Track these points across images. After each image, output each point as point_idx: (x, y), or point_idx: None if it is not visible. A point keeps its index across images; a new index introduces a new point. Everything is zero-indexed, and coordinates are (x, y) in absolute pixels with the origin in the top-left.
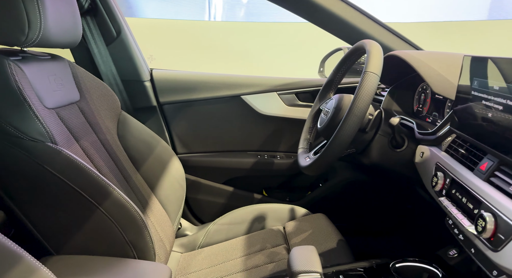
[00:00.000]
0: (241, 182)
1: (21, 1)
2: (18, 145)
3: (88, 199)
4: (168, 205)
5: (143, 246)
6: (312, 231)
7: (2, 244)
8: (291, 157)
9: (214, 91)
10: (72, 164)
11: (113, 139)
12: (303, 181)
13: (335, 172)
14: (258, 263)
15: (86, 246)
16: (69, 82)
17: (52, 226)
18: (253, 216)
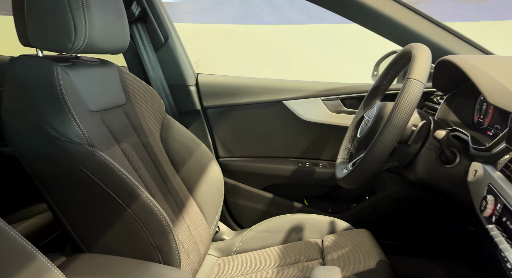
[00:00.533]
0: (281, 189)
1: (69, 11)
2: (58, 145)
3: (117, 201)
4: (205, 208)
5: (168, 251)
6: (352, 248)
7: (16, 243)
8: (335, 166)
9: (256, 96)
10: (104, 165)
11: (155, 141)
12: (347, 193)
13: (384, 184)
14: (289, 276)
15: (114, 246)
16: (116, 87)
17: (85, 225)
18: (291, 226)
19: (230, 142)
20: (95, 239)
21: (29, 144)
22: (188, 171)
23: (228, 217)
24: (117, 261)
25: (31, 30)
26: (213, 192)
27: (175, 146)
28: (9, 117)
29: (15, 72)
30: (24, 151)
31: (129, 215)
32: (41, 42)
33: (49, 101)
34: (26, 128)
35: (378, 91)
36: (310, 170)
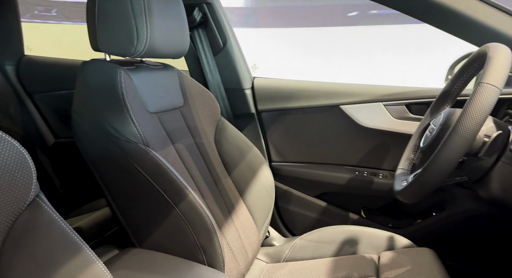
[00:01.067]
0: (335, 198)
1: (133, 18)
2: (116, 144)
3: (167, 199)
4: (255, 212)
5: (212, 252)
6: (412, 267)
7: (65, 234)
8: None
9: (311, 100)
10: (156, 164)
11: (209, 143)
12: (411, 207)
13: (454, 200)
14: None
15: (162, 243)
16: (175, 90)
17: (137, 220)
18: (344, 238)
19: (284, 146)
20: (145, 235)
21: (92, 142)
22: (239, 174)
23: (279, 223)
24: (162, 258)
25: (100, 36)
26: (263, 196)
27: (228, 148)
28: (77, 116)
29: (84, 75)
30: (88, 148)
31: (176, 213)
32: (108, 47)
33: (110, 102)
34: (90, 127)
35: (448, 96)
36: (368, 180)
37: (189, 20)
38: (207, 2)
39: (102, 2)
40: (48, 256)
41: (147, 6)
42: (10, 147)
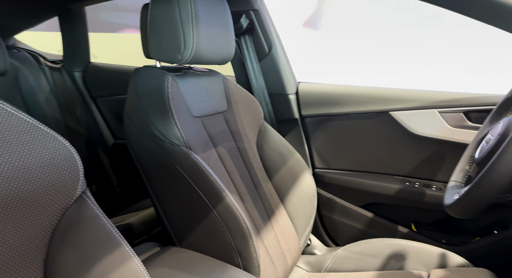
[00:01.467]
0: (383, 209)
1: (180, 26)
2: (161, 145)
3: (205, 201)
4: (295, 219)
5: (247, 256)
6: None
7: (106, 230)
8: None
9: (358, 105)
10: (196, 166)
11: (250, 148)
12: (469, 223)
13: None
14: None
15: (200, 244)
16: (220, 95)
17: (177, 220)
18: (391, 252)
19: (328, 153)
20: (185, 235)
21: (140, 143)
22: (280, 179)
23: (322, 231)
24: (199, 258)
25: (151, 44)
26: (304, 203)
27: (270, 153)
28: (128, 119)
29: (136, 80)
30: (136, 149)
31: (214, 215)
32: (157, 55)
33: (157, 106)
34: (138, 129)
35: (510, 104)
36: (420, 191)
37: (236, 27)
38: (254, 9)
39: (154, 12)
40: (90, 250)
41: (194, 16)
42: (60, 146)
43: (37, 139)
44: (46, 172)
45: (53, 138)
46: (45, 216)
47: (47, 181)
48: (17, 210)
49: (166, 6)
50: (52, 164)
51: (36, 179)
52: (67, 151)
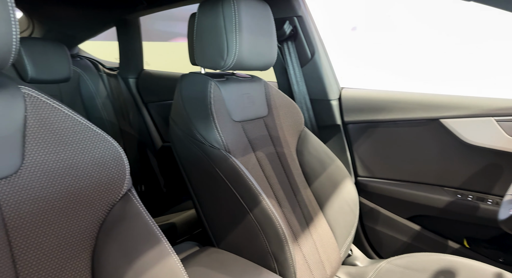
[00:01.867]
0: (432, 222)
1: (224, 34)
2: (202, 148)
3: (242, 204)
4: (336, 228)
5: (283, 261)
6: None
7: (148, 227)
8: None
9: (405, 112)
10: (234, 169)
11: (290, 153)
12: None
13: None
14: None
15: (238, 246)
16: (261, 100)
17: (216, 221)
18: (439, 268)
19: (371, 161)
20: (223, 236)
21: (183, 146)
22: (320, 186)
23: (364, 242)
24: (235, 260)
25: (197, 51)
26: (345, 212)
27: (309, 159)
28: (173, 123)
29: (181, 86)
30: (179, 152)
31: (251, 219)
32: (202, 61)
33: (199, 110)
34: (182, 133)
35: None
36: (473, 205)
37: (279, 33)
38: (298, 15)
39: (199, 21)
40: (132, 245)
41: (238, 24)
42: (110, 146)
43: (89, 139)
44: (96, 170)
45: (104, 139)
46: (94, 212)
47: (97, 179)
48: (70, 205)
49: (211, 15)
50: (101, 162)
51: (87, 176)
52: (115, 151)
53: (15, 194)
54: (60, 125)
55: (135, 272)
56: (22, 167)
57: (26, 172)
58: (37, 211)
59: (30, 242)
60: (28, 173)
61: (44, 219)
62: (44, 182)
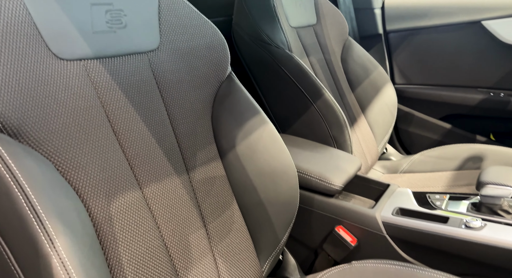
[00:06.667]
0: (462, 120)
1: None
2: (267, 49)
3: (306, 97)
4: (375, 127)
5: (343, 142)
6: None
7: (250, 101)
8: None
9: (447, 17)
10: (299, 67)
11: (336, 61)
12: None
13: None
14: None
15: (301, 134)
16: (310, 8)
17: (281, 114)
18: (469, 155)
19: (409, 68)
20: (287, 125)
21: (248, 49)
22: (362, 91)
23: (397, 143)
24: (304, 141)
25: None
26: (384, 113)
27: (353, 67)
28: (237, 28)
29: None
30: (245, 55)
31: (314, 109)
32: None
33: (264, 14)
34: (247, 36)
35: None
36: (503, 101)
37: None
38: None
39: None
40: (239, 112)
41: None
42: (216, 33)
43: (202, 25)
44: (208, 52)
45: (211, 26)
46: (209, 86)
47: (209, 59)
48: (194, 78)
49: None
50: (211, 46)
51: (202, 56)
52: (220, 37)
53: (161, 65)
54: (182, 12)
55: (244, 132)
56: (160, 43)
57: (164, 48)
58: (176, 80)
59: (175, 103)
60: (165, 49)
61: (181, 87)
62: (176, 58)
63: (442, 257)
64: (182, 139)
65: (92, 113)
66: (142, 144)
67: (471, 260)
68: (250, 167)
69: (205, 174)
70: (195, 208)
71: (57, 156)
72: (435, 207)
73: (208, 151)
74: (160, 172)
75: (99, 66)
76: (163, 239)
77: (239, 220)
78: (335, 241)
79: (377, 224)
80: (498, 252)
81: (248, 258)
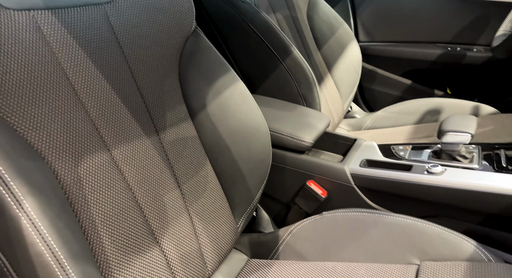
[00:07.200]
0: (421, 75)
1: None
2: (233, 4)
3: (275, 54)
4: (340, 86)
5: (311, 100)
6: (495, 127)
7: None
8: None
9: None
10: (266, 23)
11: (302, 18)
12: (503, 79)
13: None
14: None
15: (271, 93)
16: None
17: (250, 72)
18: (428, 108)
19: (373, 26)
20: (257, 85)
21: (213, 5)
22: (328, 49)
23: (361, 101)
24: (274, 100)
25: None
26: (349, 72)
27: (319, 24)
28: None
29: None
30: (210, 12)
31: (283, 68)
32: None
33: None
34: None
35: None
36: (460, 55)
37: None
38: None
39: None
40: (208, 70)
41: None
42: None
43: None
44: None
45: None
46: (174, 41)
47: (172, 12)
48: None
49: None
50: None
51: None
52: None
53: (119, 18)
54: None
55: (214, 91)
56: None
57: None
58: (137, 35)
59: (138, 59)
60: (123, 1)
61: (144, 43)
62: (135, 10)
63: (406, 202)
64: (149, 98)
65: (47, 69)
66: (106, 103)
67: (432, 203)
68: (222, 126)
69: (176, 135)
70: (167, 169)
71: (14, 116)
72: (399, 157)
73: (178, 111)
74: (128, 132)
75: (51, 18)
76: (137, 200)
77: (213, 179)
78: (307, 195)
79: (345, 176)
80: (456, 194)
81: (224, 215)
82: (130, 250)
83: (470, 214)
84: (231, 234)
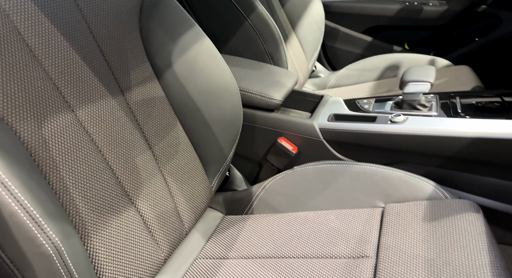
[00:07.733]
0: (381, 32)
1: None
2: None
3: (240, 11)
4: (305, 45)
5: (278, 59)
6: (450, 79)
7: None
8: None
9: None
10: None
11: None
12: (454, 34)
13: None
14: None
15: (237, 52)
16: None
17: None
18: (387, 64)
19: None
20: (222, 43)
21: None
22: (291, 7)
23: (324, 60)
24: (241, 59)
25: None
26: (313, 30)
27: None
28: None
29: None
30: None
31: (248, 24)
32: None
33: None
34: None
35: None
36: (417, 9)
37: None
38: None
39: None
40: (171, 26)
41: None
42: None
43: None
44: None
45: None
46: None
47: None
48: None
49: None
50: None
51: None
52: None
53: None
54: None
55: (179, 48)
56: None
57: None
58: None
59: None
60: None
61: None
62: None
63: (371, 151)
64: (110, 56)
65: None
66: (65, 61)
67: (396, 150)
68: (190, 86)
69: (142, 95)
70: (137, 131)
71: None
72: (364, 110)
73: (142, 69)
74: (91, 92)
75: None
76: (107, 162)
77: (184, 140)
78: (278, 151)
79: (314, 131)
80: (417, 140)
81: (197, 175)
82: (105, 211)
83: (430, 158)
84: (205, 193)
